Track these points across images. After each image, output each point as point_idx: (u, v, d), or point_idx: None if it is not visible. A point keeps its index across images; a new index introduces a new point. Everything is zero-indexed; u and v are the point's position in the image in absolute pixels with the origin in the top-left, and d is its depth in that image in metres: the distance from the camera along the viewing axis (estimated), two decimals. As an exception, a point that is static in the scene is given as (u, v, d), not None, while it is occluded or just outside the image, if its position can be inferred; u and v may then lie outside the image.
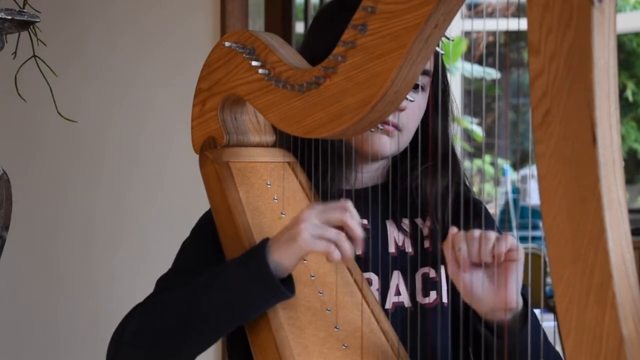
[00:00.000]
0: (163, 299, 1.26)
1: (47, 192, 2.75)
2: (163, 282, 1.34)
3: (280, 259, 1.18)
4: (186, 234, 1.41)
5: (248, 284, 1.19)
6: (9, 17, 1.43)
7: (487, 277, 1.21)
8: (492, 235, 1.20)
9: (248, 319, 1.22)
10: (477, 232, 1.20)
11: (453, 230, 1.22)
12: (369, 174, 1.40)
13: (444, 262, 1.27)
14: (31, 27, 1.53)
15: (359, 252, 1.24)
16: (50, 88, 1.66)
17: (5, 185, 1.51)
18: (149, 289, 1.36)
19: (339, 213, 1.19)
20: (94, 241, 2.78)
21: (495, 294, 1.20)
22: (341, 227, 1.19)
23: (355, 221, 1.19)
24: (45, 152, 2.75)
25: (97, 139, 2.77)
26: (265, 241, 1.21)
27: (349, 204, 1.20)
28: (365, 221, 1.36)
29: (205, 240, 1.34)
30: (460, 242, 1.20)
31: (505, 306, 1.20)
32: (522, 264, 1.20)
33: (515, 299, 1.20)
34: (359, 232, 1.19)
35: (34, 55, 1.63)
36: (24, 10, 1.48)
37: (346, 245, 1.18)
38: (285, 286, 1.19)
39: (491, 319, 1.22)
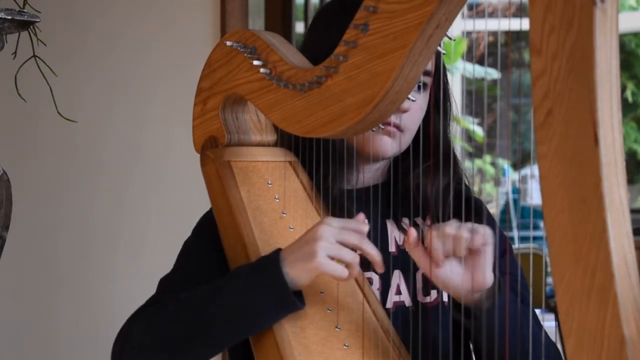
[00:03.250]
0: (172, 303, 1.25)
1: (47, 192, 2.75)
2: (166, 283, 1.34)
3: (295, 275, 1.17)
4: (186, 233, 1.41)
5: (260, 293, 1.18)
6: (9, 17, 1.42)
7: (457, 264, 1.20)
8: (465, 232, 1.18)
9: (255, 330, 1.21)
10: (450, 230, 1.19)
11: (410, 230, 1.21)
12: (369, 174, 1.39)
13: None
14: (31, 27, 1.52)
15: (382, 271, 1.23)
16: (50, 88, 1.66)
17: (5, 185, 1.51)
18: (149, 288, 1.35)
19: (356, 238, 1.19)
20: (94, 241, 2.78)
21: (466, 279, 1.20)
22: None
23: (371, 245, 1.20)
24: (45, 152, 2.75)
25: (97, 139, 2.77)
26: (278, 252, 1.20)
27: (365, 227, 1.20)
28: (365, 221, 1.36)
29: (207, 239, 1.33)
30: (435, 242, 1.19)
31: (475, 288, 1.21)
32: (492, 247, 1.19)
33: (484, 280, 1.20)
34: (377, 257, 1.20)
35: (34, 55, 1.63)
36: (24, 10, 1.48)
37: (357, 269, 1.19)
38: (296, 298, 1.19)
39: (466, 301, 1.22)
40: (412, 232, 1.20)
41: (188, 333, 1.21)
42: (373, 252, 1.20)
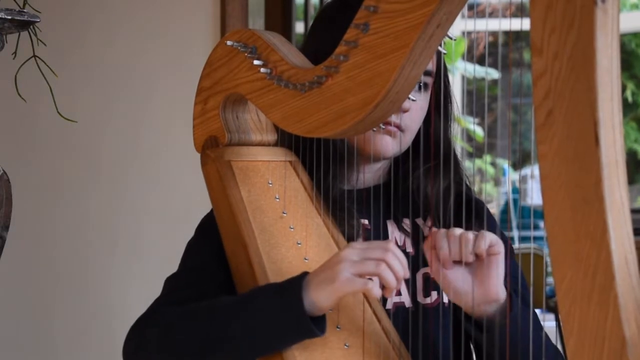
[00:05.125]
0: (191, 310, 1.24)
1: (47, 192, 2.75)
2: (172, 282, 1.33)
3: (317, 299, 1.16)
4: (186, 233, 1.40)
5: (279, 317, 1.17)
6: (9, 17, 1.42)
7: (468, 272, 1.21)
8: (471, 235, 1.20)
9: (269, 351, 1.19)
10: (457, 231, 1.20)
11: (433, 230, 1.22)
12: (370, 174, 1.39)
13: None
14: (31, 27, 1.52)
15: (399, 287, 1.22)
16: (50, 88, 1.66)
17: (5, 185, 1.51)
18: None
19: (380, 253, 1.16)
20: (94, 241, 2.78)
21: (477, 288, 1.20)
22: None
23: (397, 261, 1.17)
24: (45, 152, 2.75)
25: (96, 139, 2.77)
26: (304, 275, 1.18)
27: (391, 245, 1.18)
28: (366, 221, 1.36)
29: (210, 239, 1.33)
30: (441, 241, 1.20)
31: (487, 299, 1.21)
32: (503, 256, 1.20)
33: (496, 291, 1.20)
34: (401, 273, 1.17)
35: (34, 55, 1.63)
36: (24, 10, 1.48)
37: (389, 274, 1.15)
38: (316, 323, 1.16)
39: (477, 314, 1.22)
40: (434, 232, 1.20)
41: (204, 344, 1.20)
42: (397, 267, 1.16)
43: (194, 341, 1.21)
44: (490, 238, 1.20)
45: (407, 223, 1.39)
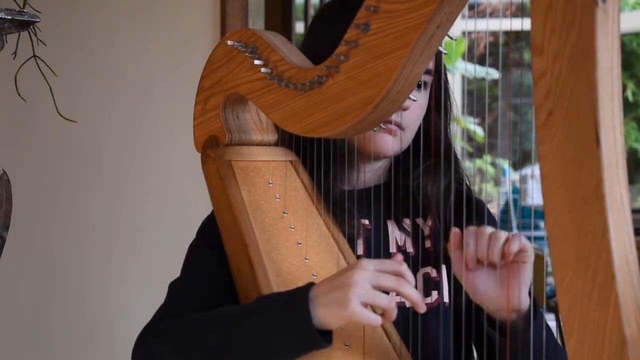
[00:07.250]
0: (193, 325, 1.23)
1: (47, 192, 2.75)
2: (176, 288, 1.33)
3: (326, 319, 1.14)
4: (184, 233, 1.40)
5: (285, 331, 1.15)
6: (9, 17, 1.42)
7: (493, 277, 1.20)
8: (503, 234, 1.19)
9: None
10: (488, 230, 1.19)
11: (455, 229, 1.21)
12: (370, 174, 1.39)
13: (447, 261, 1.26)
14: (31, 27, 1.52)
15: (422, 311, 1.18)
16: (50, 88, 1.66)
17: (5, 185, 1.51)
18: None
19: (393, 282, 1.15)
20: (94, 241, 2.78)
21: (500, 294, 1.20)
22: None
23: (410, 287, 1.15)
24: (45, 152, 2.75)
25: (96, 138, 2.77)
26: (308, 290, 1.16)
27: (404, 268, 1.17)
28: (366, 221, 1.36)
29: (211, 240, 1.33)
30: (469, 238, 1.19)
31: (509, 307, 1.20)
32: (532, 266, 1.19)
33: (520, 301, 1.20)
34: (416, 299, 1.15)
35: (34, 55, 1.63)
36: (24, 10, 1.48)
37: (394, 313, 1.15)
38: (323, 335, 1.15)
39: (498, 317, 1.21)
40: (456, 232, 1.19)
41: (209, 356, 1.19)
42: (412, 294, 1.15)
43: (198, 355, 1.20)
44: (523, 242, 1.18)
45: (407, 223, 1.38)
